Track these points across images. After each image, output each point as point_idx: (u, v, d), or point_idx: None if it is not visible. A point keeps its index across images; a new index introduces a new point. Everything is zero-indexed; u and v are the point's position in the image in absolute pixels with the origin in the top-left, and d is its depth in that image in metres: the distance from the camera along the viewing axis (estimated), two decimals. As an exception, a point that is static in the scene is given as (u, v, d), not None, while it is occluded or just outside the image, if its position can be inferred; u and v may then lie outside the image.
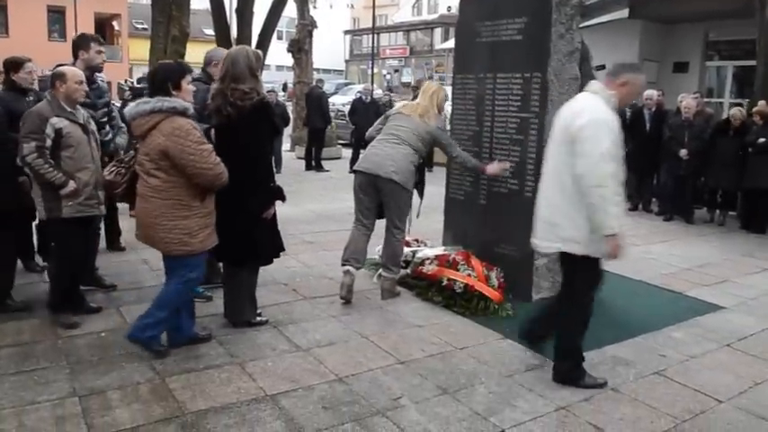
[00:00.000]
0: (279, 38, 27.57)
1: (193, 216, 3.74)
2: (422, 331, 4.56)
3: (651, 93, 10.05)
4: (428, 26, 44.09)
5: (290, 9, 16.81)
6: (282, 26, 31.13)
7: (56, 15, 34.57)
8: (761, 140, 8.46)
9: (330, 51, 43.42)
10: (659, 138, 9.44)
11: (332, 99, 16.92)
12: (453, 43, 6.30)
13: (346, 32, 50.46)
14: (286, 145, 15.04)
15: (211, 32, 16.53)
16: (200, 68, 5.17)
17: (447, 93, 5.47)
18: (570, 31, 5.15)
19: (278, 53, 22.15)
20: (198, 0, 15.16)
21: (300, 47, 16.72)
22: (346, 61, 50.57)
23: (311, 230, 7.68)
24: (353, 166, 5.27)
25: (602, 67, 8.27)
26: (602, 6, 13.00)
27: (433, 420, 3.33)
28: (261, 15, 14.70)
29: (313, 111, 13.47)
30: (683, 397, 3.71)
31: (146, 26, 30.99)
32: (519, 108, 5.26)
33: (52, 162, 4.17)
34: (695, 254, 7.31)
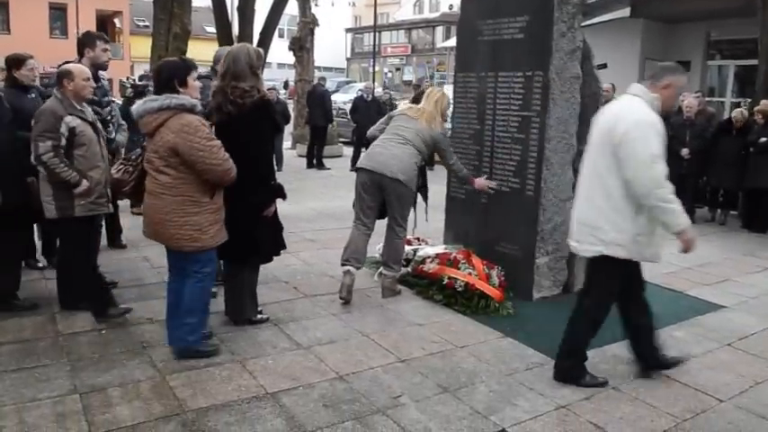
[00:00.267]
0: (280, 36, 27.56)
1: (203, 212, 3.74)
2: (422, 330, 4.56)
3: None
4: (430, 24, 44.06)
5: (292, 7, 16.78)
6: (284, 24, 31.17)
7: (57, 12, 34.60)
8: (762, 140, 8.45)
9: (331, 49, 43.39)
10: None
11: (333, 97, 16.90)
12: (455, 42, 6.30)
13: (348, 30, 50.42)
14: (287, 143, 15.04)
15: (213, 30, 16.51)
16: (203, 66, 5.16)
17: (450, 99, 5.50)
18: (572, 30, 5.15)
19: (279, 51, 22.17)
20: (199, -2, 15.14)
21: (302, 45, 16.70)
22: (348, 59, 50.54)
23: (312, 228, 7.68)
24: (356, 164, 5.26)
25: (603, 66, 8.27)
26: (603, 5, 12.98)
27: (434, 419, 3.33)
28: (262, 13, 14.68)
29: (315, 109, 13.47)
30: (684, 396, 3.71)
31: (147, 23, 30.98)
32: (520, 107, 5.26)
33: (67, 161, 4.17)
34: (696, 253, 7.24)
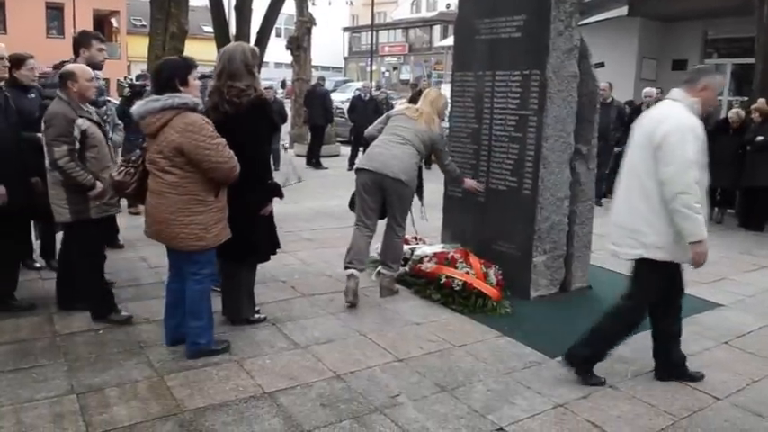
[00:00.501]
0: (277, 35, 27.51)
1: (209, 211, 3.73)
2: (420, 329, 4.56)
3: (650, 90, 10.08)
4: (427, 23, 44.06)
5: (289, 6, 16.74)
6: (281, 23, 31.11)
7: (54, 12, 34.55)
8: (759, 138, 8.47)
9: (329, 49, 43.33)
10: (658, 135, 9.43)
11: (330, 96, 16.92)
12: (452, 41, 6.30)
13: (345, 30, 50.39)
14: (284, 142, 15.02)
15: (210, 30, 16.50)
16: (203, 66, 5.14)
17: (447, 98, 5.49)
18: (569, 29, 5.15)
19: (277, 50, 22.10)
20: (196, -3, 15.12)
21: (299, 44, 16.68)
22: (345, 58, 50.53)
23: (310, 228, 7.68)
24: (356, 165, 5.24)
25: (600, 65, 8.28)
26: (600, 4, 12.99)
27: (432, 418, 3.33)
28: (260, 12, 14.65)
29: (316, 108, 13.48)
30: (681, 394, 3.71)
31: (144, 23, 30.97)
32: (518, 105, 5.26)
33: (81, 164, 4.16)
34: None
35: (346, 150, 14.30)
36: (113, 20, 37.47)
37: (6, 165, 4.30)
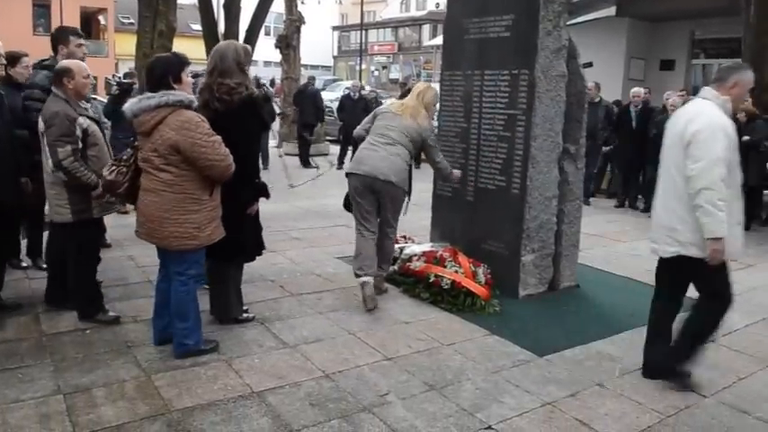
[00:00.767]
0: (266, 33, 27.46)
1: (203, 209, 3.71)
2: (409, 328, 4.56)
3: (638, 90, 10.14)
4: (416, 23, 44.07)
5: (278, 5, 16.70)
6: (270, 22, 31.02)
7: (41, 9, 34.22)
8: (745, 138, 8.52)
9: (318, 47, 43.24)
10: (645, 135, 9.50)
11: (319, 95, 16.89)
12: (441, 40, 6.30)
13: (334, 28, 50.32)
14: (273, 141, 14.98)
15: (198, 28, 16.42)
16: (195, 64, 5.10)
17: (436, 91, 5.33)
18: (558, 29, 5.17)
19: (266, 49, 22.06)
20: (185, -5, 15.05)
21: (288, 43, 16.63)
22: (334, 57, 50.46)
23: (298, 227, 7.67)
24: (346, 169, 5.14)
25: (589, 65, 8.31)
26: (589, 4, 13.06)
27: (420, 416, 3.33)
28: (248, 11, 14.62)
29: (307, 107, 13.45)
30: (669, 392, 3.73)
31: (132, 21, 30.72)
32: (506, 105, 5.28)
33: (84, 164, 4.10)
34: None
35: (335, 149, 14.28)
36: (101, 17, 37.17)
37: (0, 163, 4.25)
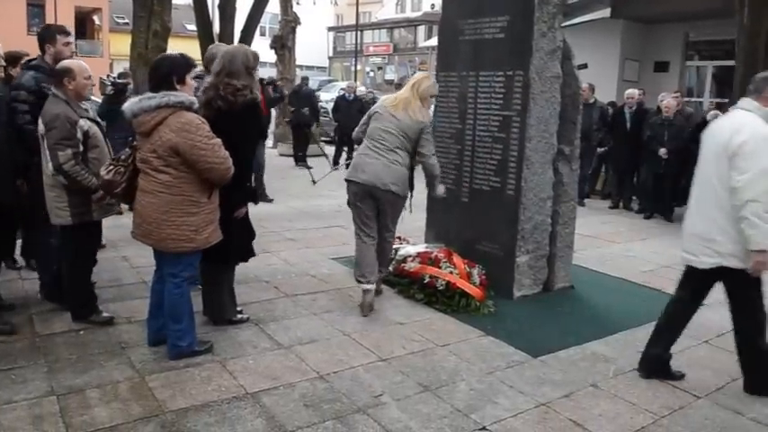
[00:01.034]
0: (262, 34, 27.42)
1: (201, 212, 3.69)
2: (403, 329, 4.56)
3: (632, 91, 10.17)
4: (412, 24, 44.05)
5: (273, 5, 16.68)
6: (265, 22, 31.03)
7: (35, 9, 34.06)
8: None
9: (313, 48, 43.14)
10: (639, 136, 9.52)
11: (315, 96, 16.91)
12: (436, 41, 6.31)
13: (330, 29, 50.26)
14: (268, 142, 14.96)
15: (193, 28, 16.38)
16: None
17: (433, 81, 5.10)
18: (552, 30, 5.18)
19: (261, 49, 21.99)
20: (180, -5, 15.00)
21: (283, 43, 16.62)
22: (330, 58, 50.39)
23: (293, 227, 7.66)
24: (345, 176, 5.01)
25: (584, 66, 8.33)
26: (584, 5, 13.08)
27: (415, 418, 3.33)
28: (243, 11, 14.57)
29: (303, 108, 13.44)
30: (663, 393, 3.75)
31: (127, 21, 30.70)
32: (501, 106, 5.29)
33: (85, 167, 4.07)
34: (675, 251, 7.33)
35: (330, 150, 14.27)
36: (95, 17, 37.05)
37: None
